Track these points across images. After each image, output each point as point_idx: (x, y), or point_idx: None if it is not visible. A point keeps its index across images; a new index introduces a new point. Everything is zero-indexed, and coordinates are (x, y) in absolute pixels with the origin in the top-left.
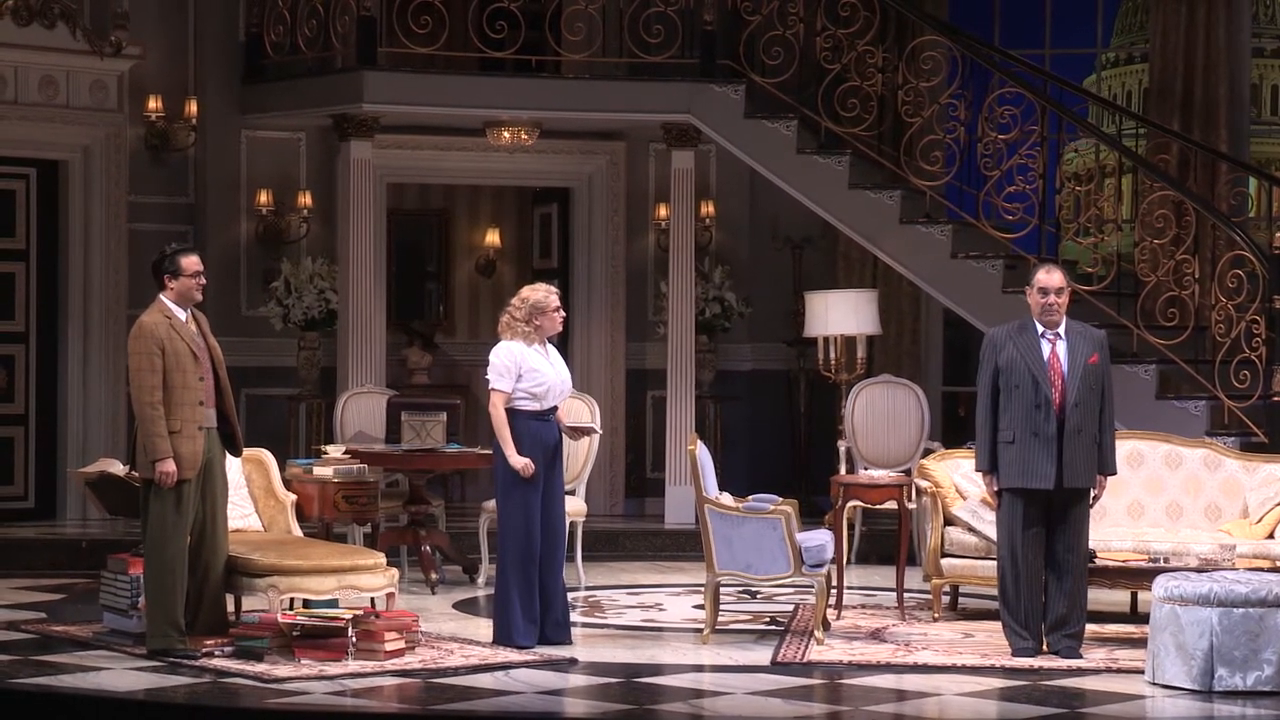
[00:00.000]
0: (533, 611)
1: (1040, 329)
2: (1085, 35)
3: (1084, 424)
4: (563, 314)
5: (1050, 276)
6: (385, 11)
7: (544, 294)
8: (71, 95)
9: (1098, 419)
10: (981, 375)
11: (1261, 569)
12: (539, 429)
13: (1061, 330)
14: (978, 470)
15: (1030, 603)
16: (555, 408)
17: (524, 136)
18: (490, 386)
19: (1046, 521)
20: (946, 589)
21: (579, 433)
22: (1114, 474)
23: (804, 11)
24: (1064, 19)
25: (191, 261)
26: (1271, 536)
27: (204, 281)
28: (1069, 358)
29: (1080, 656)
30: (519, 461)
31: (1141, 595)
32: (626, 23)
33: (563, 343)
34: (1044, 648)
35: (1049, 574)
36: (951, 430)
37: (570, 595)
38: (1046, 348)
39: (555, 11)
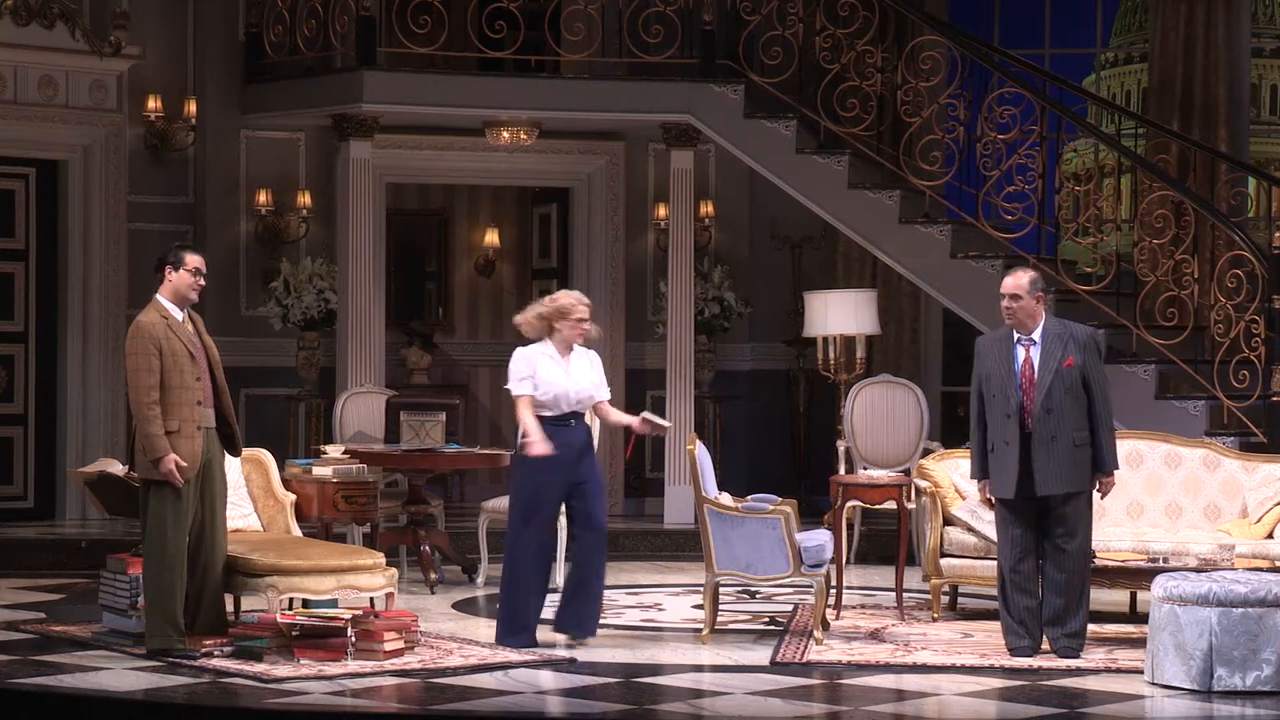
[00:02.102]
0: (524, 615)
1: (1017, 335)
2: (1085, 35)
3: (1060, 430)
4: (585, 327)
5: (1006, 280)
6: (385, 11)
7: (572, 301)
8: (71, 95)
9: (1085, 421)
10: (972, 384)
11: (1261, 569)
12: (555, 434)
13: (1037, 334)
14: (972, 478)
15: (1024, 603)
16: (576, 414)
17: (523, 136)
18: (513, 394)
19: (1040, 523)
20: (946, 589)
21: (652, 426)
22: (1115, 469)
23: (803, 11)
24: (1063, 19)
25: (194, 258)
26: (1271, 536)
27: (203, 283)
28: (1041, 364)
29: (1079, 656)
30: (541, 448)
31: (1141, 595)
32: (626, 23)
33: None
34: (1042, 646)
35: (1046, 572)
36: (951, 430)
37: None
38: (1020, 354)
39: (555, 11)
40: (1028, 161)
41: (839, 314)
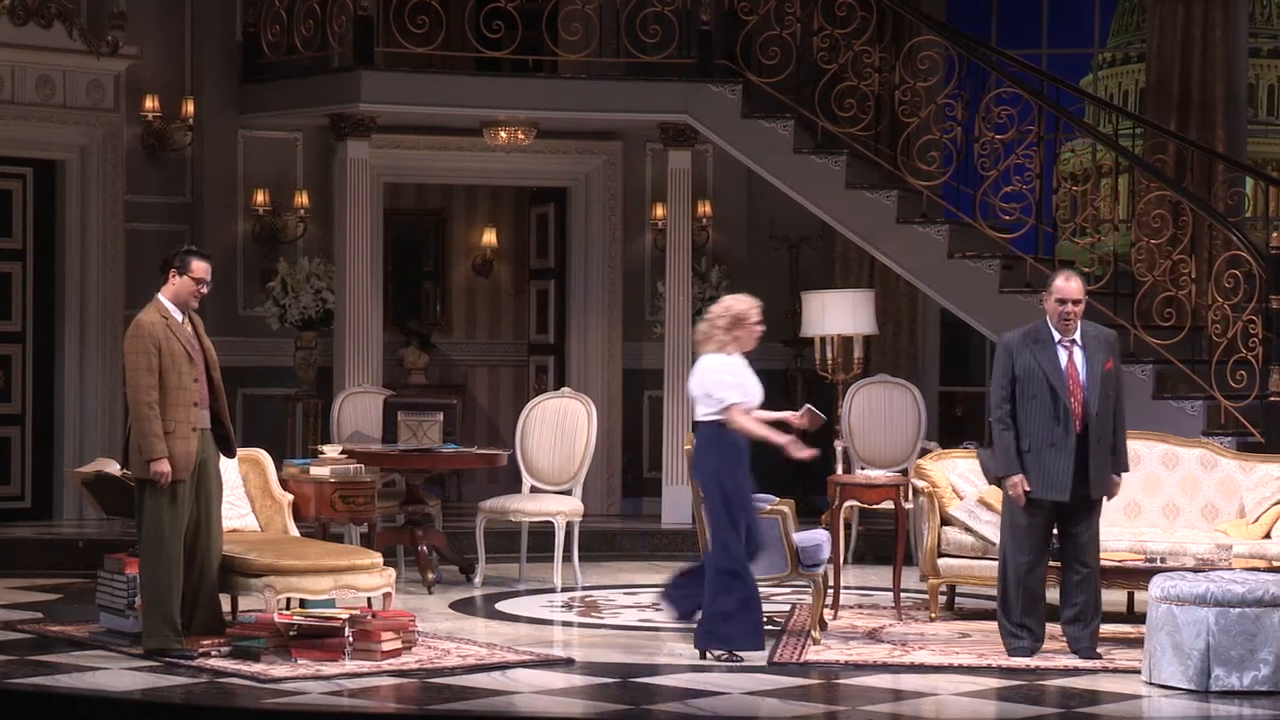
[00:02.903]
0: (760, 610)
1: (1057, 336)
2: (1082, 35)
3: (1104, 432)
4: (762, 329)
5: (1069, 285)
6: (382, 11)
7: (747, 306)
8: (68, 95)
9: (1112, 423)
10: (998, 380)
11: (1258, 569)
12: (741, 442)
13: (1077, 336)
14: (999, 475)
15: (1034, 606)
16: None
17: (521, 136)
18: (727, 404)
19: (1057, 524)
20: (943, 589)
21: (815, 418)
22: (1127, 471)
23: (801, 11)
24: (1061, 19)
25: (201, 266)
26: (1268, 536)
27: (205, 291)
28: (1087, 367)
29: (1099, 656)
30: (804, 451)
31: (1138, 595)
32: (623, 22)
33: (559, 343)
34: (1043, 645)
35: (1065, 573)
36: (948, 430)
37: (567, 595)
38: (1064, 356)
39: (552, 11)
40: (1025, 161)
41: (836, 314)
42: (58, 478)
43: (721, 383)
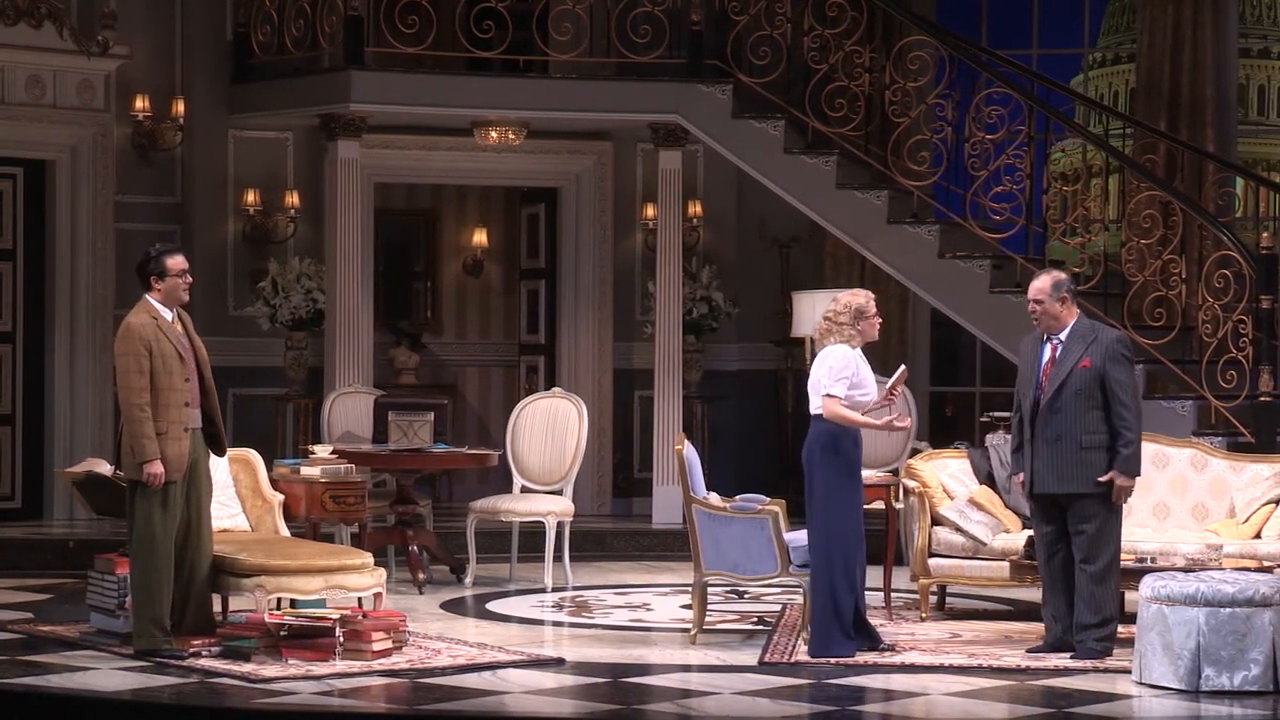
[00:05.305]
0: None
1: (1046, 334)
2: (1073, 35)
3: (1067, 430)
4: (880, 321)
5: (1031, 284)
6: (372, 11)
7: (865, 299)
8: (59, 95)
9: (1101, 424)
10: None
11: (1248, 569)
12: (855, 435)
13: (1064, 335)
14: (1013, 474)
15: (1049, 600)
16: None
17: (511, 136)
18: (824, 393)
19: (1063, 525)
20: (934, 589)
21: (893, 392)
22: (1132, 474)
23: (791, 11)
24: (1051, 19)
25: (176, 262)
26: (1258, 536)
27: (190, 280)
28: (1058, 364)
29: (1095, 657)
30: (881, 422)
31: (1129, 595)
32: (614, 22)
33: (550, 343)
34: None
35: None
36: (939, 431)
37: (557, 595)
38: (1046, 354)
39: (543, 11)
40: (1015, 162)
41: None
42: (48, 478)
43: (829, 370)
